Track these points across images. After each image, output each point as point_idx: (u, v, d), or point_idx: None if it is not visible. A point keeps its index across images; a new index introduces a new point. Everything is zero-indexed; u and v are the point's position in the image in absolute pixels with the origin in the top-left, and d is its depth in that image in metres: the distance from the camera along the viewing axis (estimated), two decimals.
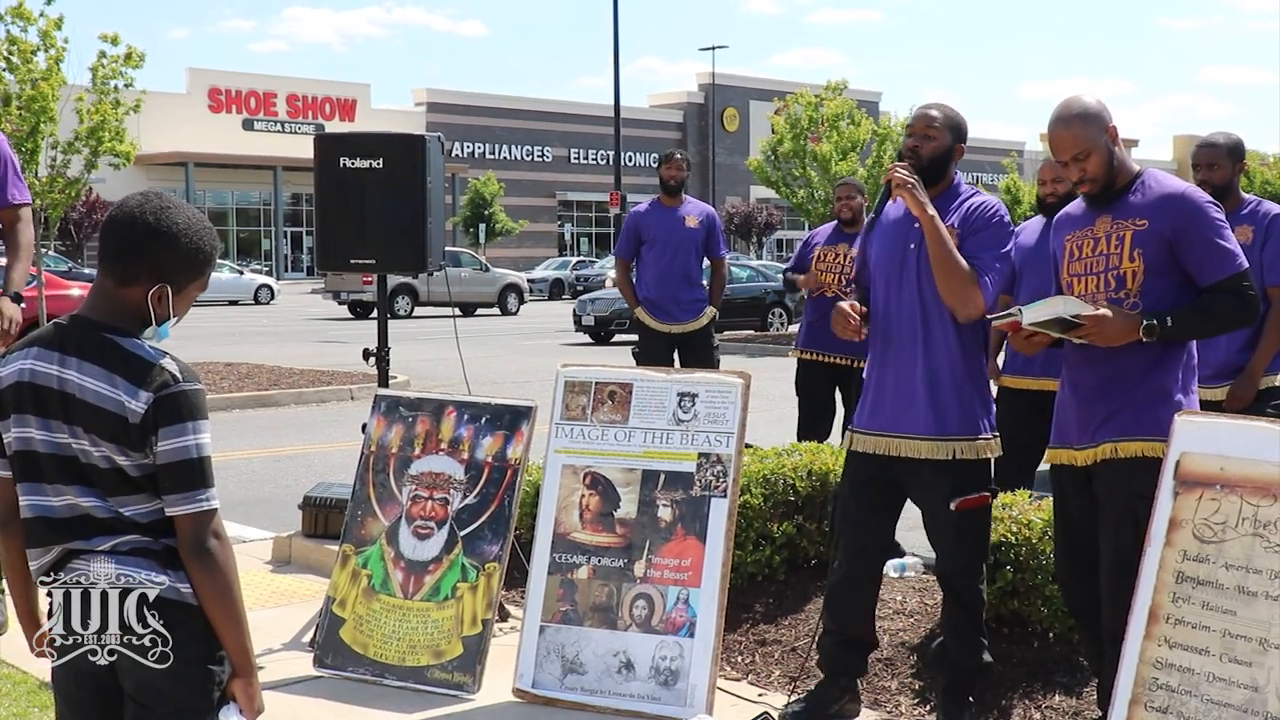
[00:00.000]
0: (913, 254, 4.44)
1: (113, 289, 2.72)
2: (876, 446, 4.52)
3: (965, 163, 56.63)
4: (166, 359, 2.68)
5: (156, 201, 2.74)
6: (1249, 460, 3.48)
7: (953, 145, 4.54)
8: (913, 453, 4.44)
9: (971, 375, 4.46)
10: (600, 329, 24.92)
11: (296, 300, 42.74)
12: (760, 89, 72.44)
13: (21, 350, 2.74)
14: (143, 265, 2.70)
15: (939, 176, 4.52)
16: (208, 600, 2.68)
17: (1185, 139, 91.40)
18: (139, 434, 2.63)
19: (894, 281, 4.49)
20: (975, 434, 4.43)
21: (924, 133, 4.51)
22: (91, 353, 2.67)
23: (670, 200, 8.82)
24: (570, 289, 46.05)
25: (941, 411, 4.42)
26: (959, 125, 4.57)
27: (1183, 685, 3.48)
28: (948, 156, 4.53)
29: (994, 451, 4.48)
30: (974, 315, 4.38)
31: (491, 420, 5.31)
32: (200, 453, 2.66)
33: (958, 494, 4.40)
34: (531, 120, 68.65)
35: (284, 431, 12.90)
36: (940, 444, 4.41)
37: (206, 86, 58.30)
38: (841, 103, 27.71)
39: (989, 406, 4.52)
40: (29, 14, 15.15)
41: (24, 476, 2.73)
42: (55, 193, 15.75)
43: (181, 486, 2.65)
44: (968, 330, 4.44)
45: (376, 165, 6.07)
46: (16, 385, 2.70)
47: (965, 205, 4.50)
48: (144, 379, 2.64)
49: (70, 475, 2.69)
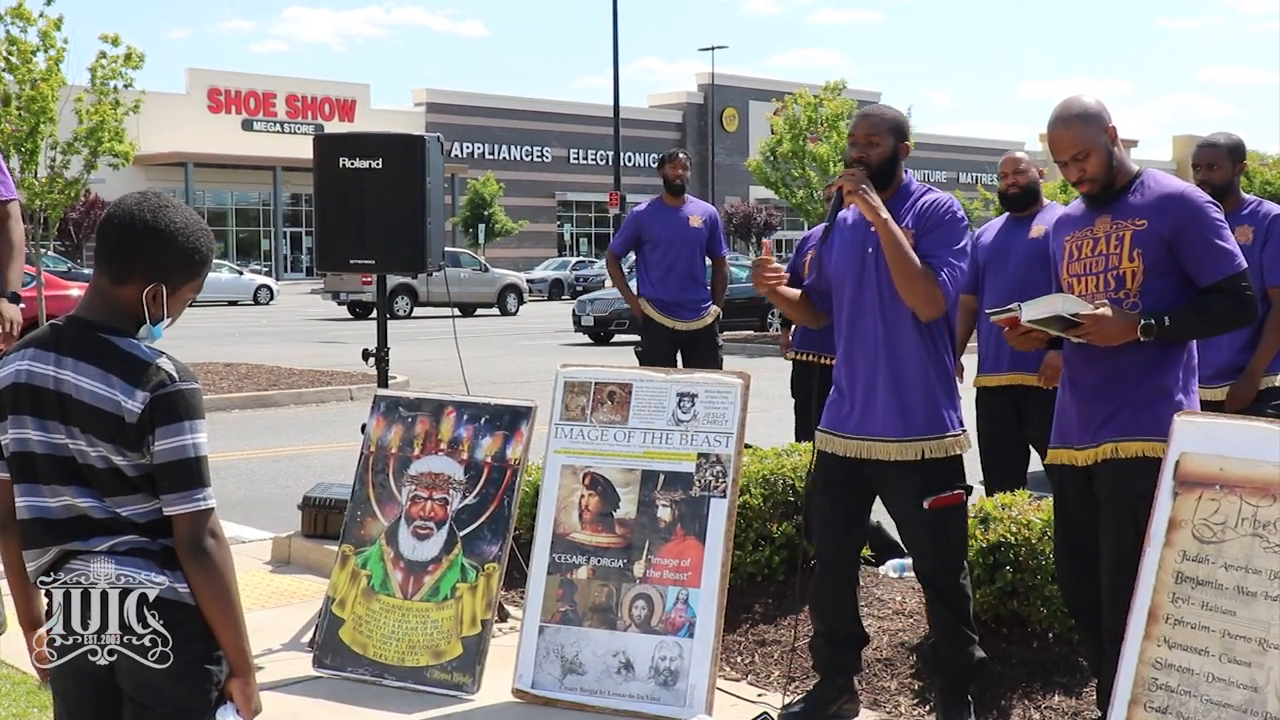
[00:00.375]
0: (871, 258, 4.46)
1: (108, 288, 2.72)
2: (846, 449, 4.53)
3: (964, 162, 56.42)
4: (163, 358, 2.68)
5: (155, 200, 2.74)
6: (1248, 460, 3.48)
7: (897, 146, 4.54)
8: (881, 455, 4.45)
9: (937, 373, 4.47)
10: (600, 329, 24.92)
11: (296, 300, 42.75)
12: (760, 89, 72.43)
13: (18, 351, 2.74)
14: (139, 264, 2.70)
15: (889, 180, 4.52)
16: (205, 600, 2.68)
17: (1185, 139, 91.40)
18: (136, 434, 2.63)
19: (855, 286, 4.51)
20: (943, 432, 4.44)
21: (866, 141, 4.52)
22: (88, 353, 2.67)
23: (673, 200, 8.82)
24: (570, 289, 46.06)
25: (907, 412, 4.43)
26: (900, 125, 4.58)
27: (1182, 685, 3.48)
28: (894, 159, 4.53)
29: (963, 448, 4.48)
30: (935, 314, 4.39)
31: (491, 420, 5.31)
32: (197, 452, 2.66)
33: (929, 493, 4.41)
34: (531, 120, 68.66)
35: (283, 432, 12.90)
36: (907, 445, 4.42)
37: (206, 87, 58.30)
38: (841, 103, 27.67)
39: (955, 403, 4.53)
40: (28, 14, 15.14)
41: (21, 478, 2.73)
42: (54, 193, 15.74)
43: (179, 486, 2.65)
44: (931, 329, 4.46)
45: (376, 165, 6.07)
46: (14, 386, 2.70)
47: (918, 204, 4.50)
48: (140, 378, 2.63)
49: (67, 476, 2.68)
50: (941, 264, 4.37)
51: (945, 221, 4.45)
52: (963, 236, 4.47)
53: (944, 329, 4.50)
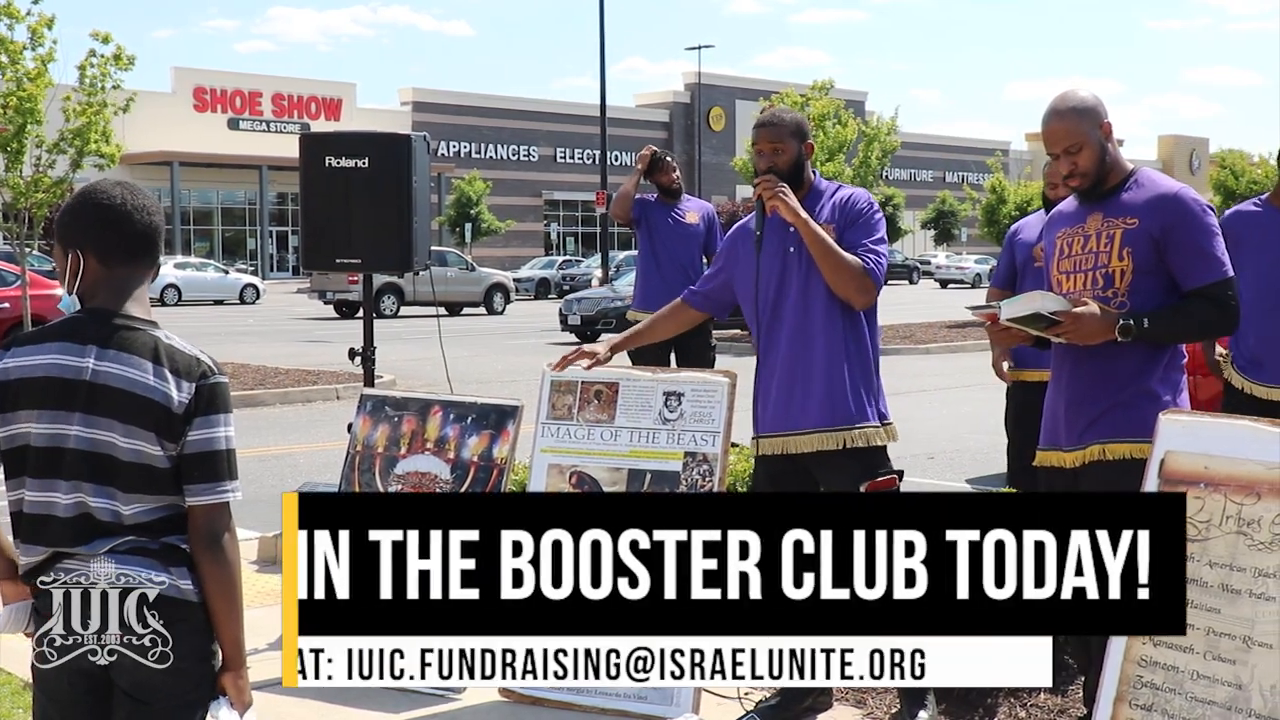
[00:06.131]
0: (793, 256, 4.60)
1: (120, 270, 2.78)
2: (774, 447, 4.63)
3: (950, 162, 56.56)
4: (199, 351, 2.77)
5: (124, 183, 2.88)
6: (1232, 459, 3.49)
7: (801, 148, 4.69)
8: (805, 447, 4.55)
9: (860, 365, 4.60)
10: (586, 328, 24.89)
11: (282, 300, 42.65)
12: (746, 88, 72.49)
13: (39, 344, 2.74)
14: (143, 239, 2.83)
15: (799, 181, 4.67)
16: (214, 592, 2.71)
17: (1171, 139, 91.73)
18: (181, 423, 2.68)
19: (776, 286, 4.63)
20: (864, 422, 4.55)
21: (772, 150, 4.67)
22: (128, 344, 2.71)
23: (670, 198, 8.80)
24: (556, 288, 45.99)
25: (833, 403, 4.53)
26: (800, 127, 4.73)
27: (1167, 683, 3.49)
28: (800, 161, 4.69)
29: (883, 439, 4.59)
30: (868, 301, 4.59)
31: (477, 420, 5.31)
32: (229, 445, 2.74)
33: (866, 477, 4.52)
34: (517, 120, 68.59)
35: (269, 431, 12.87)
36: (830, 434, 4.52)
37: (191, 86, 58.13)
38: (828, 102, 27.71)
39: (875, 395, 4.64)
40: (16, 11, 15.08)
41: (39, 473, 2.72)
42: (39, 192, 15.68)
43: (208, 477, 2.70)
44: (857, 321, 4.59)
45: (362, 165, 6.07)
46: (45, 380, 2.70)
47: (834, 200, 4.67)
48: (186, 369, 2.71)
49: (92, 471, 2.69)
50: (866, 253, 4.56)
51: (864, 214, 4.63)
52: (881, 228, 4.68)
53: (863, 322, 4.62)
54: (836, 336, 4.55)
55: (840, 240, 4.54)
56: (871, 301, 4.61)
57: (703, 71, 70.53)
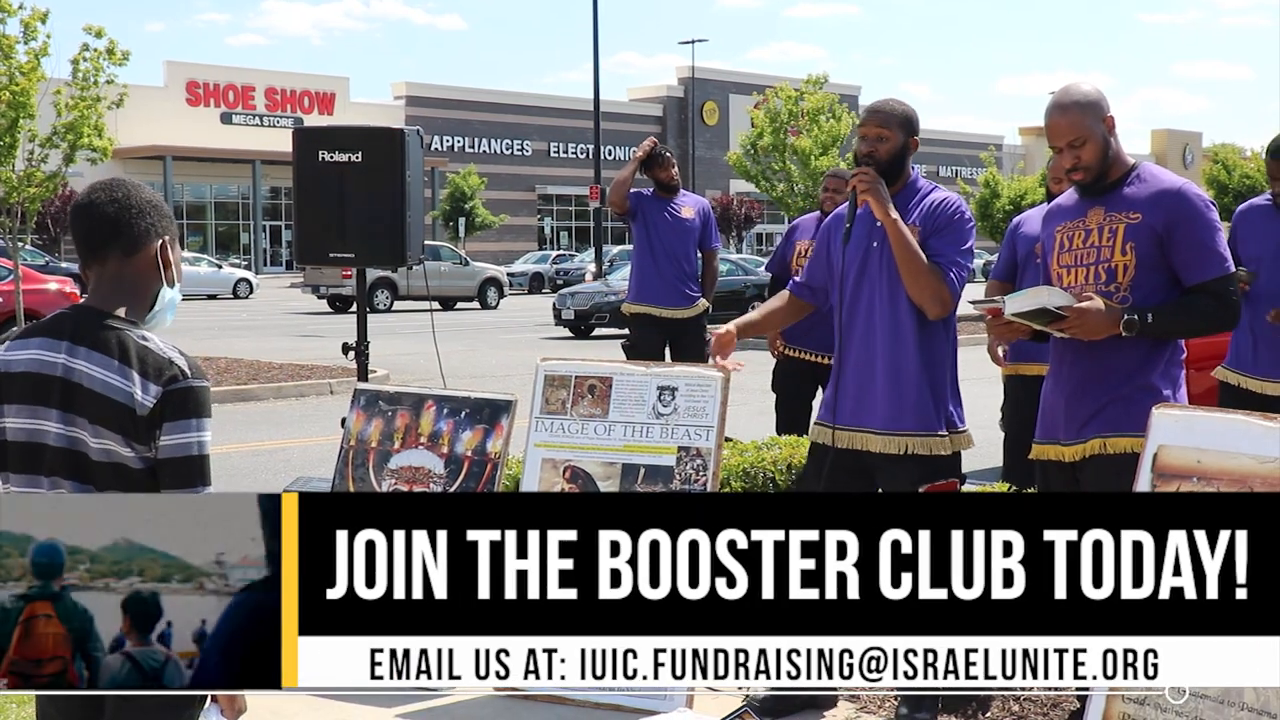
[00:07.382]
0: (875, 251, 4.48)
1: (120, 265, 2.77)
2: (838, 440, 4.55)
3: (944, 156, 56.54)
4: (176, 353, 2.72)
5: (117, 180, 2.84)
6: (1225, 453, 3.50)
7: (906, 141, 4.56)
8: (869, 446, 4.47)
9: (935, 372, 4.48)
10: (580, 323, 24.90)
11: (275, 294, 42.62)
12: (739, 83, 72.49)
13: (24, 340, 2.75)
14: (144, 223, 2.80)
15: (897, 175, 4.54)
16: None
17: (1163, 133, 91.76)
18: (146, 426, 2.66)
19: (858, 279, 4.52)
20: (932, 430, 4.44)
21: (877, 135, 4.52)
22: (101, 343, 2.69)
23: (667, 193, 8.80)
24: (550, 283, 45.98)
25: (899, 407, 4.44)
26: (910, 119, 4.58)
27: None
28: (903, 154, 4.55)
29: (948, 449, 4.47)
30: (942, 312, 4.43)
31: (471, 414, 5.31)
32: (201, 450, 2.73)
33: (925, 481, 4.42)
34: (511, 114, 68.54)
35: (263, 426, 12.86)
36: (894, 439, 4.44)
37: (184, 80, 58.03)
38: (822, 97, 27.73)
39: (949, 404, 4.52)
40: (8, 5, 15.04)
41: (21, 468, 2.72)
42: (32, 186, 15.66)
43: (180, 482, 2.70)
44: (933, 328, 4.47)
45: (355, 159, 6.07)
46: (24, 375, 2.71)
47: (926, 202, 4.53)
48: (154, 372, 2.67)
49: (71, 469, 2.69)
50: (949, 264, 4.41)
51: (954, 222, 4.48)
52: (970, 237, 4.51)
53: (944, 329, 4.51)
54: (908, 340, 4.44)
55: (924, 244, 4.42)
56: (946, 314, 4.46)
57: (696, 66, 70.50)
